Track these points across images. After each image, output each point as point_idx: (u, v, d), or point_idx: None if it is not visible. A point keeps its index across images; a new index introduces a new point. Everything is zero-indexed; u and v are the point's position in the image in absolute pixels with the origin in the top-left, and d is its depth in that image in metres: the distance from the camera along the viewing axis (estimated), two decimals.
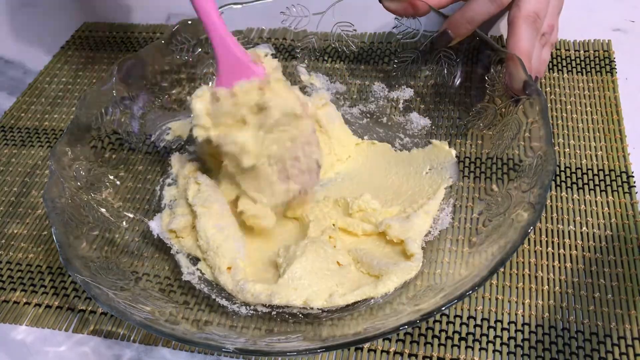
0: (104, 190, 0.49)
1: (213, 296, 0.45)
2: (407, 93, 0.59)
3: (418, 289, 0.43)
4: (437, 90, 0.57)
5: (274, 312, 0.43)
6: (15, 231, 0.54)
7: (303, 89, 0.60)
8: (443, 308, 0.35)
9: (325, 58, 0.62)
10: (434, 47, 0.56)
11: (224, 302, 0.45)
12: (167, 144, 0.56)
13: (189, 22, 0.56)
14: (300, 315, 0.43)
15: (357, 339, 0.36)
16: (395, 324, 0.36)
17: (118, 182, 0.51)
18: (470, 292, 0.36)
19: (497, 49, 0.50)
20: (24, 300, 0.49)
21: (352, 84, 0.61)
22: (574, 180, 0.51)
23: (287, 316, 0.43)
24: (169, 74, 0.57)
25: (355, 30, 0.60)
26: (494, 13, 0.51)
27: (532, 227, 0.38)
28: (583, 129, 0.55)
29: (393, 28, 0.58)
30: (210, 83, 0.59)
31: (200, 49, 0.58)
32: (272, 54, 0.59)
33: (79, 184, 0.47)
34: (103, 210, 0.48)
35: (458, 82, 0.56)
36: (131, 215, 0.50)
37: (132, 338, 0.45)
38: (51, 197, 0.43)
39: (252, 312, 0.44)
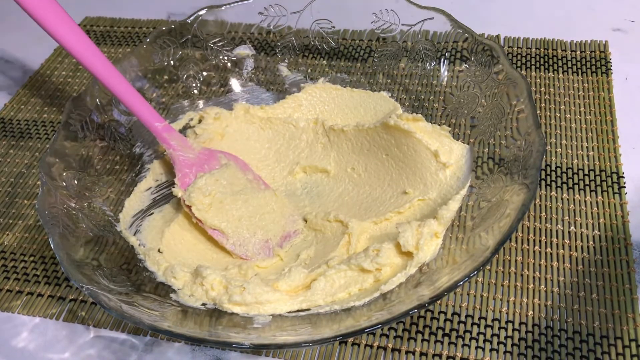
0: (95, 198, 0.48)
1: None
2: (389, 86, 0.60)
3: (416, 277, 0.42)
4: (419, 82, 0.58)
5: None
6: (11, 221, 0.54)
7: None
8: (451, 289, 0.35)
9: (306, 55, 0.62)
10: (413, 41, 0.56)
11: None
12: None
13: (165, 28, 0.56)
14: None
15: (368, 325, 0.35)
16: (403, 308, 0.36)
17: (110, 190, 0.51)
18: (475, 273, 0.36)
19: (475, 36, 0.51)
20: (17, 288, 0.49)
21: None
22: (564, 180, 0.51)
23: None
24: (151, 78, 0.57)
25: (333, 27, 0.61)
26: None
27: (528, 207, 0.38)
28: (576, 129, 0.55)
29: (371, 23, 0.58)
30: (195, 85, 0.60)
31: (181, 52, 0.58)
32: (252, 54, 0.59)
33: (70, 193, 0.46)
34: (96, 217, 0.47)
35: (439, 73, 0.56)
36: (124, 220, 0.50)
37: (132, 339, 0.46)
38: (45, 207, 0.42)
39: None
